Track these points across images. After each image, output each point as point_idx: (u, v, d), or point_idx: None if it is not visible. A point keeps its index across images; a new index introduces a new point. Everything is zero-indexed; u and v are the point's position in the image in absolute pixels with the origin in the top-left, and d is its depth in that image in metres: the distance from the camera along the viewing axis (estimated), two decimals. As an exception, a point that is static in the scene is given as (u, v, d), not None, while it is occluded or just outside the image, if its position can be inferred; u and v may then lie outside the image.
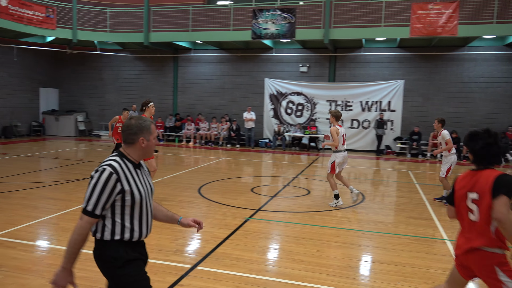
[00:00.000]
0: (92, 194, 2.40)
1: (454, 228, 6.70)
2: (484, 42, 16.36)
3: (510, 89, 16.38)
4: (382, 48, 17.67)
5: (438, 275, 4.73)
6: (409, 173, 12.51)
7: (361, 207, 8.00)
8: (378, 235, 6.28)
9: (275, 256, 5.33)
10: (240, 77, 19.48)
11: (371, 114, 17.66)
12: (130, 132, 2.55)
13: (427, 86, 17.25)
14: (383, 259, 5.23)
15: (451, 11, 14.40)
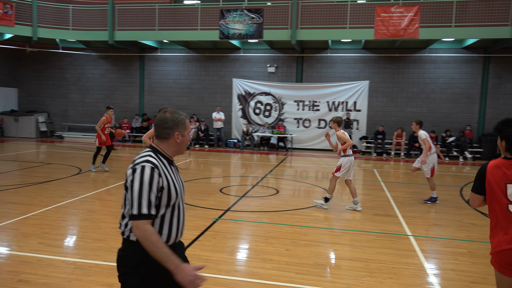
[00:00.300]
0: (141, 194, 2.19)
1: (416, 224, 6.94)
2: (444, 44, 17.02)
3: (468, 90, 17.12)
4: (347, 50, 18.05)
5: (403, 269, 4.89)
6: (375, 172, 12.84)
7: (329, 205, 8.13)
8: (345, 232, 6.41)
9: (244, 256, 5.34)
10: (208, 77, 19.37)
11: (337, 114, 17.99)
12: (166, 126, 2.40)
13: (391, 87, 17.76)
14: (350, 255, 5.34)
15: (412, 14, 14.89)
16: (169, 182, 2.30)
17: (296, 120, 18.39)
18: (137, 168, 2.25)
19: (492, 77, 16.89)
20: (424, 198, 8.93)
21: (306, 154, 16.97)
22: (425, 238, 6.19)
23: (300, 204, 8.16)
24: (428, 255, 5.42)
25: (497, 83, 16.87)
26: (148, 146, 2.47)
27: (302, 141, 18.31)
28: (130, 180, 2.25)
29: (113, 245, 5.35)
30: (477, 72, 17.00)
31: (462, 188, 10.31)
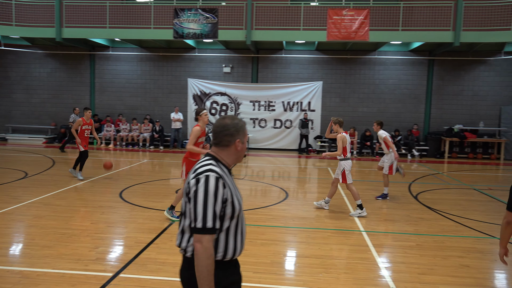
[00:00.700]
0: (206, 207, 2.07)
1: (369, 220, 7.19)
2: (392, 47, 17.77)
3: (415, 91, 17.98)
4: (301, 51, 18.39)
5: (357, 264, 5.05)
6: (329, 170, 13.17)
7: (285, 204, 8.24)
8: (301, 230, 6.53)
9: (201, 258, 5.29)
10: (162, 76, 19.02)
11: (292, 114, 18.28)
12: (227, 133, 2.27)
13: (343, 87, 18.29)
14: (306, 253, 5.44)
15: (363, 17, 15.42)
16: (232, 193, 2.19)
17: (252, 120, 18.49)
18: (201, 178, 2.12)
19: (436, 78, 17.85)
20: (376, 194, 9.28)
21: (262, 154, 17.10)
22: (377, 233, 6.43)
23: (257, 203, 8.21)
24: (380, 250, 5.64)
25: (440, 85, 17.85)
26: (206, 154, 2.34)
27: (258, 141, 18.43)
28: (193, 190, 2.12)
29: (63, 252, 5.13)
30: (423, 73, 17.90)
31: (410, 184, 10.80)
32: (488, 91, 17.61)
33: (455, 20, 15.39)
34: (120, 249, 5.46)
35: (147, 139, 17.86)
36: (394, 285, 4.45)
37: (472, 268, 5.04)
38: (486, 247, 5.93)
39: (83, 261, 4.86)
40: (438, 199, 9.10)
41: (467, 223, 7.09)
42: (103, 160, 14.08)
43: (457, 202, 8.80)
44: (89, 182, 9.85)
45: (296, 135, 18.24)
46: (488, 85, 17.61)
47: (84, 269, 4.64)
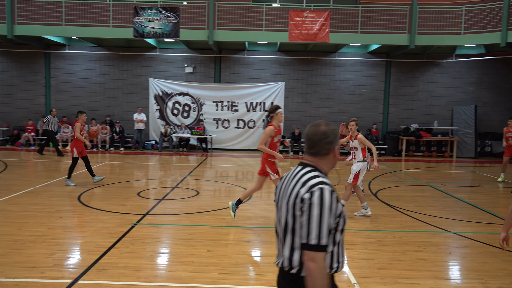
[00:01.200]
0: (322, 223, 1.94)
1: (331, 217, 7.33)
2: (352, 49, 18.24)
3: (373, 92, 18.55)
4: (264, 51, 18.51)
5: (319, 262, 5.14)
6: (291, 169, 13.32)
7: (249, 204, 8.26)
8: (265, 230, 6.56)
9: (165, 261, 5.21)
10: (123, 76, 18.56)
11: (255, 114, 18.36)
12: (328, 141, 2.15)
13: (305, 88, 18.58)
14: (270, 252, 5.48)
15: (323, 19, 15.73)
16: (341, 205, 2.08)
17: (215, 121, 18.40)
18: (315, 191, 1.99)
19: (393, 80, 18.49)
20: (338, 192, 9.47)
21: (225, 155, 17.06)
22: (338, 231, 6.57)
23: (221, 204, 8.18)
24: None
25: (397, 86, 18.51)
26: (304, 164, 2.20)
27: (221, 142, 18.38)
28: (307, 204, 1.98)
29: (17, 259, 4.89)
30: (381, 75, 18.50)
31: (370, 182, 11.13)
32: (441, 92, 18.45)
33: (410, 24, 16.01)
34: (78, 254, 5.28)
35: (106, 141, 17.36)
36: (356, 281, 4.56)
37: (428, 262, 5.25)
38: (441, 241, 6.20)
39: (39, 268, 4.65)
40: (396, 196, 9.42)
41: (423, 219, 7.39)
42: (61, 163, 13.56)
43: (414, 199, 9.16)
44: (44, 186, 9.45)
45: (259, 135, 18.31)
46: (441, 86, 18.44)
47: (40, 276, 4.45)
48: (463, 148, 17.95)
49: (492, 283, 4.60)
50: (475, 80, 18.38)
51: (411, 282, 4.58)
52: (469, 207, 8.54)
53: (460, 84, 18.42)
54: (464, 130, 17.79)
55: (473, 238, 6.32)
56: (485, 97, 18.35)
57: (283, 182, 2.25)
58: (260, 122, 18.23)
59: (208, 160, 15.33)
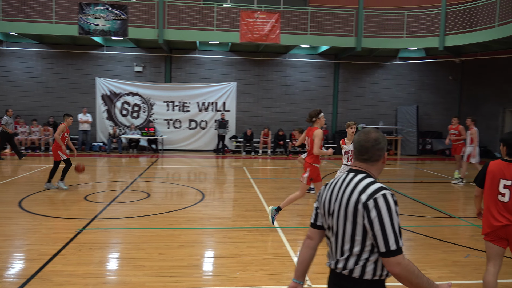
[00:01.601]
0: (394, 227, 1.98)
1: (283, 216, 7.45)
2: (302, 50, 18.62)
3: (323, 92, 19.05)
4: (215, 51, 18.42)
5: (272, 260, 5.20)
6: (244, 169, 13.38)
7: (201, 205, 8.19)
8: (218, 230, 6.54)
9: (114, 266, 5.04)
10: (67, 75, 17.73)
11: (207, 114, 18.24)
12: (379, 148, 2.18)
13: (257, 88, 18.72)
14: (223, 253, 5.47)
15: (274, 21, 15.94)
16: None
17: (166, 121, 18.07)
18: (379, 198, 2.01)
19: (341, 81, 19.09)
20: (289, 191, 9.64)
21: (177, 155, 16.80)
22: (290, 229, 6.69)
23: (172, 206, 8.05)
24: (294, 244, 5.87)
25: (345, 87, 19.14)
26: (356, 171, 2.21)
27: (173, 142, 18.07)
28: (375, 213, 2.00)
29: (-50, 272, 4.52)
30: (330, 76, 19.04)
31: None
32: (386, 92, 19.30)
33: (357, 27, 16.62)
34: (20, 263, 4.98)
35: (49, 143, 16.50)
36: (307, 277, 4.66)
37: (375, 255, 5.47)
38: (387, 235, 6.48)
39: (-26, 281, 4.34)
40: (345, 193, 9.72)
41: (371, 214, 7.67)
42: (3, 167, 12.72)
43: (362, 195, 9.49)
44: (-19, 191, 8.81)
45: (211, 136, 18.23)
46: (386, 87, 19.30)
47: (-24, 289, 4.15)
48: (406, 146, 18.88)
49: (433, 273, 4.88)
50: (417, 82, 19.41)
51: (360, 276, 4.75)
52: (412, 202, 9.00)
53: (403, 85, 19.37)
54: (407, 129, 18.72)
55: (416, 231, 6.67)
56: (426, 98, 19.42)
57: (333, 189, 2.26)
58: (212, 122, 18.14)
59: (159, 162, 15.03)
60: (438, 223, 7.29)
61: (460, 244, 5.98)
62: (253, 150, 17.93)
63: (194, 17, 16.23)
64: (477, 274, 4.89)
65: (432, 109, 19.45)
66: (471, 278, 4.78)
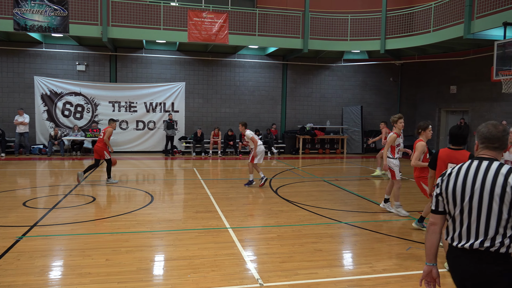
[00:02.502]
0: None
1: (234, 216, 7.47)
2: (250, 51, 18.74)
3: (272, 93, 19.30)
4: (163, 51, 18.06)
5: (224, 261, 5.19)
6: (195, 170, 13.24)
7: (150, 207, 8.01)
8: (169, 233, 6.42)
9: (57, 275, 4.79)
10: (2, 74, 16.59)
11: (156, 115, 17.84)
12: (507, 137, 2.55)
13: (206, 89, 18.58)
14: (174, 255, 5.38)
15: (222, 21, 15.91)
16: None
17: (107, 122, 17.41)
18: None
19: (289, 81, 19.45)
20: (240, 191, 9.67)
21: (124, 157, 16.27)
22: (241, 229, 6.71)
23: (120, 210, 7.79)
24: (245, 244, 5.90)
25: (293, 87, 19.52)
26: (489, 159, 2.51)
27: (119, 144, 17.48)
28: None
29: None
30: (278, 77, 19.33)
31: (271, 180, 11.56)
32: (332, 93, 19.93)
33: (303, 29, 17.01)
34: (-50, 277, 4.59)
35: (-17, 146, 15.36)
36: (259, 276, 4.71)
37: (324, 251, 5.64)
38: (335, 231, 6.70)
39: None
40: (295, 192, 9.94)
41: (319, 212, 7.91)
42: None
43: (311, 194, 9.75)
44: None
45: (160, 137, 17.86)
46: (332, 88, 19.91)
47: None
48: (352, 145, 19.60)
49: (379, 266, 5.11)
50: (361, 83, 20.21)
51: (310, 272, 4.87)
52: (358, 198, 9.37)
53: (348, 86, 20.09)
54: (353, 129, 19.45)
55: (362, 226, 6.95)
56: (369, 98, 20.28)
57: (465, 177, 2.50)
58: (161, 123, 17.77)
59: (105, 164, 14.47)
60: (382, 218, 7.65)
61: (402, 237, 6.31)
62: (203, 151, 17.79)
63: (140, 15, 15.81)
64: (418, 265, 5.19)
65: (375, 109, 20.34)
66: (412, 269, 5.05)
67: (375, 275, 4.83)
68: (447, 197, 2.56)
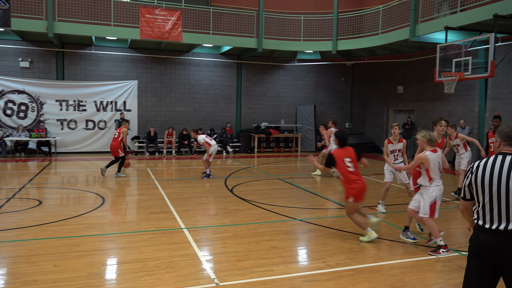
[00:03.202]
0: None
1: (189, 216, 7.39)
2: (205, 49, 18.59)
3: (227, 92, 19.26)
4: (114, 48, 17.49)
5: (179, 262, 5.12)
6: (148, 171, 12.95)
7: (102, 210, 7.74)
8: (121, 235, 6.24)
9: (0, 284, 4.51)
10: None
11: (107, 114, 17.26)
12: None
13: (159, 87, 18.22)
14: (127, 258, 5.24)
15: (175, 18, 15.65)
16: None
17: (59, 122, 16.67)
18: None
19: (244, 81, 19.50)
20: (195, 191, 9.58)
21: (73, 158, 15.61)
22: (197, 229, 6.66)
23: (69, 213, 7.46)
24: (201, 244, 5.86)
25: (248, 86, 19.59)
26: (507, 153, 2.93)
27: (68, 145, 16.75)
28: None
29: None
30: (233, 76, 19.32)
31: (226, 179, 11.55)
32: (286, 92, 20.21)
33: (257, 29, 17.11)
34: None
35: None
36: (215, 276, 4.69)
37: (279, 249, 5.72)
38: (290, 228, 6.81)
39: None
40: (250, 190, 9.99)
41: (274, 209, 8.01)
42: None
43: (266, 192, 9.84)
44: None
45: (111, 137, 17.22)
46: (286, 87, 20.20)
47: None
48: (305, 143, 19.99)
49: (332, 261, 5.26)
50: (314, 83, 20.65)
51: (265, 270, 4.92)
52: (312, 195, 9.58)
53: (301, 86, 20.46)
54: (306, 127, 19.84)
55: (316, 223, 7.11)
56: (322, 97, 20.77)
57: (492, 170, 2.90)
58: (112, 122, 17.21)
59: (52, 165, 13.82)
60: (334, 214, 7.87)
61: (353, 232, 6.53)
62: (157, 151, 17.44)
63: (90, 10, 15.22)
64: (368, 258, 5.39)
65: (328, 108, 20.87)
66: (363, 262, 5.25)
67: (329, 270, 4.96)
68: (477, 187, 2.97)
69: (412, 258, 5.41)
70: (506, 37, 13.25)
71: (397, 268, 5.04)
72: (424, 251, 5.69)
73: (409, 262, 5.27)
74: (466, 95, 15.40)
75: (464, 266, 4.34)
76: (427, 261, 5.31)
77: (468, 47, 11.71)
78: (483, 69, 11.39)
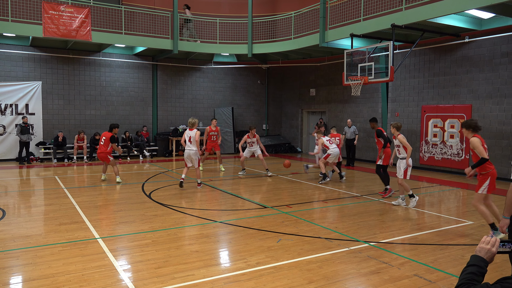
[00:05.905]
0: None
1: (104, 225, 7.02)
2: (117, 50, 17.78)
3: (142, 94, 18.62)
4: (12, 45, 15.95)
5: (93, 274, 4.83)
6: (56, 178, 12.03)
7: (2, 224, 7.01)
8: (26, 251, 5.71)
9: None
10: None
11: (6, 118, 15.68)
12: None
13: (67, 89, 17.01)
14: (34, 275, 4.81)
15: (83, 16, 14.75)
16: None
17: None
18: None
19: (160, 83, 19.03)
20: (109, 198, 9.11)
21: (-35, 168, 13.91)
22: (113, 238, 6.34)
23: (-39, 230, 6.63)
24: (117, 253, 5.59)
25: (164, 88, 19.15)
26: None
27: (-42, 153, 14.89)
28: None
29: None
30: (148, 77, 18.74)
31: (144, 184, 11.16)
32: (204, 95, 20.13)
33: (172, 30, 16.81)
34: None
35: None
36: (133, 285, 4.51)
37: (200, 252, 5.67)
38: (211, 231, 6.80)
39: None
40: (169, 195, 9.77)
41: (195, 213, 7.93)
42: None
43: (185, 195, 9.70)
44: None
45: (12, 143, 15.76)
46: (203, 90, 20.11)
47: None
48: (224, 145, 20.08)
49: (252, 260, 5.35)
50: (231, 85, 20.84)
51: (187, 275, 4.85)
52: (232, 197, 9.65)
53: (219, 88, 20.54)
54: (225, 129, 19.94)
55: (236, 224, 7.18)
56: (239, 100, 21.05)
57: None
58: (13, 127, 15.69)
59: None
60: (253, 214, 8.02)
61: (272, 231, 6.72)
62: (67, 157, 16.26)
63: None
64: (287, 255, 5.59)
65: (245, 111, 21.20)
66: (283, 259, 5.42)
67: (250, 269, 5.05)
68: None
69: (327, 252, 5.72)
70: (402, 45, 14.64)
71: (314, 263, 5.29)
72: (338, 244, 6.05)
73: (324, 256, 5.56)
74: (371, 97, 16.70)
75: (373, 256, 4.62)
76: (341, 254, 5.65)
77: (371, 54, 12.73)
78: (384, 73, 12.47)
